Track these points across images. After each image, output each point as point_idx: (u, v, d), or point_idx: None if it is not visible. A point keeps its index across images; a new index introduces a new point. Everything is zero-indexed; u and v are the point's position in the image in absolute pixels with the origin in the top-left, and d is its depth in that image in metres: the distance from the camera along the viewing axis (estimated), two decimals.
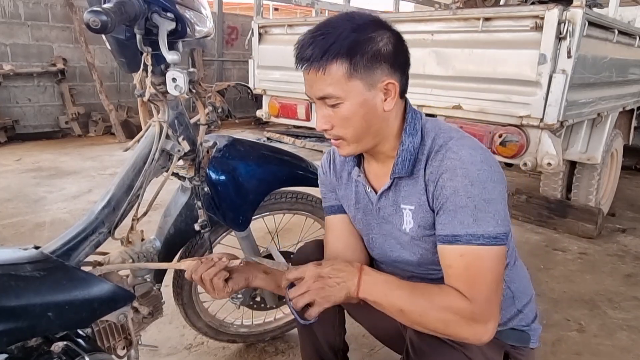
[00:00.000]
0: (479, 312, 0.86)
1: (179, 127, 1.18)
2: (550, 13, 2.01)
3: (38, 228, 2.91)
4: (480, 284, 0.86)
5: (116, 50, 1.03)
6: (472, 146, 0.91)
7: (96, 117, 5.97)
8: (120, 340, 1.20)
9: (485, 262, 0.86)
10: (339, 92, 0.87)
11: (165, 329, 1.90)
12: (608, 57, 2.52)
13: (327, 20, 0.90)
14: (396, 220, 1.01)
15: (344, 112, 0.89)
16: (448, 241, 0.88)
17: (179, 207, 1.35)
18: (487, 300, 0.86)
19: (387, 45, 0.88)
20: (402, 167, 0.95)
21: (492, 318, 0.87)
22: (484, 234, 0.85)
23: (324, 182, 1.19)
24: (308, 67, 0.88)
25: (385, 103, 0.91)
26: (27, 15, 5.37)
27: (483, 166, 0.87)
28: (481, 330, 0.86)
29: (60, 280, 1.00)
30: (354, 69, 0.86)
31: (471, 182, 0.86)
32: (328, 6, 4.77)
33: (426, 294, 0.89)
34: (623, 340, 1.94)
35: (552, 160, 2.15)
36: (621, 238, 3.08)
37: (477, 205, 0.85)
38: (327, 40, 0.85)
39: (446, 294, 0.88)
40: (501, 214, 0.87)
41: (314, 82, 0.89)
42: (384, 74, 0.89)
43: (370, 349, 1.80)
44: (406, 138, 0.95)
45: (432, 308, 0.87)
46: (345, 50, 0.85)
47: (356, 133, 0.92)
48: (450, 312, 0.86)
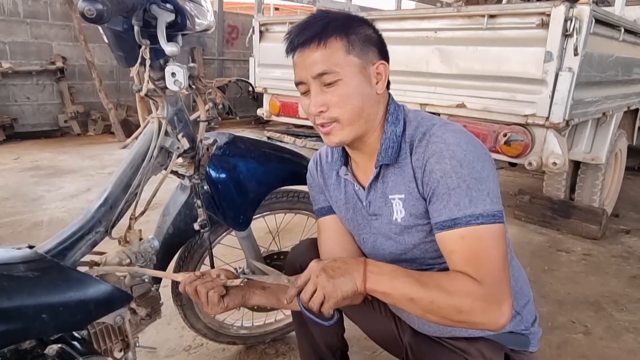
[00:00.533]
0: (491, 292, 0.83)
1: (179, 123, 1.15)
2: (556, 10, 1.98)
3: (36, 227, 2.88)
4: (487, 264, 0.84)
5: (113, 43, 1.00)
6: (455, 129, 0.92)
7: (95, 115, 5.94)
8: (117, 342, 1.17)
9: (488, 241, 0.85)
10: (338, 68, 0.89)
11: (163, 330, 1.86)
12: (614, 56, 2.48)
13: (321, 11, 0.98)
14: (386, 211, 1.00)
15: (342, 89, 0.90)
16: (447, 226, 0.87)
17: (178, 206, 1.32)
18: (498, 279, 0.84)
19: (374, 34, 0.95)
20: (386, 155, 0.95)
21: (506, 298, 0.83)
22: (482, 212, 0.85)
23: (312, 185, 1.20)
24: (306, 45, 0.90)
25: (378, 86, 0.94)
26: (26, 13, 5.34)
27: (469, 147, 0.88)
28: (497, 313, 0.82)
29: (55, 281, 0.97)
30: (351, 45, 0.90)
31: (459, 162, 0.86)
32: (329, 4, 4.74)
33: (435, 279, 0.86)
34: (629, 343, 1.91)
35: (558, 159, 2.12)
36: (625, 239, 3.06)
37: (470, 185, 0.85)
38: (322, 21, 0.91)
39: (455, 278, 0.85)
40: (494, 191, 0.87)
41: (311, 59, 0.90)
42: (375, 56, 0.94)
43: (372, 351, 1.77)
44: (388, 127, 0.96)
45: (442, 293, 0.83)
46: (341, 29, 0.90)
47: (352, 113, 0.92)
48: (462, 295, 0.82)
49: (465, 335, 1.01)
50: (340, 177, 1.09)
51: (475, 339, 1.01)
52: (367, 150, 1.00)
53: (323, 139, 0.99)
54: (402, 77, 2.45)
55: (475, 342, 1.00)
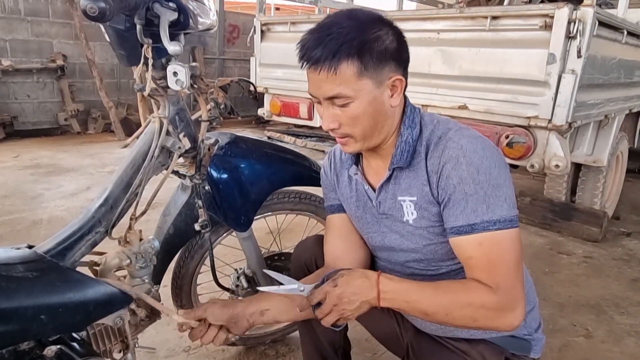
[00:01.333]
0: (505, 300, 0.85)
1: (180, 123, 1.14)
2: (560, 12, 1.97)
3: (35, 226, 2.87)
4: (503, 270, 0.86)
5: (115, 42, 0.99)
6: (472, 135, 0.91)
7: (96, 114, 5.93)
8: (117, 343, 1.16)
9: (505, 247, 0.86)
10: (349, 92, 0.87)
11: (163, 330, 1.86)
12: (617, 58, 2.48)
13: (330, 19, 0.89)
14: (396, 212, 1.00)
15: (353, 111, 0.89)
16: (464, 232, 0.88)
17: (178, 206, 1.32)
18: (512, 285, 0.86)
19: (392, 43, 0.89)
20: (400, 158, 0.96)
21: (519, 303, 0.86)
22: (499, 218, 0.86)
23: (324, 182, 1.21)
24: (317, 67, 0.87)
25: (392, 99, 0.93)
26: (27, 10, 5.33)
27: (485, 153, 0.88)
28: (510, 318, 0.86)
29: (54, 282, 0.96)
30: (364, 68, 0.86)
31: (477, 169, 0.86)
32: (331, 4, 4.74)
33: (449, 292, 0.88)
34: (631, 347, 1.90)
35: (560, 162, 2.11)
36: (626, 242, 3.05)
37: (487, 191, 0.86)
38: (336, 41, 0.85)
39: (470, 290, 0.87)
40: (511, 197, 0.88)
41: (322, 82, 0.88)
42: (391, 71, 0.90)
43: (373, 353, 1.77)
44: (404, 130, 0.96)
45: (457, 306, 0.86)
46: (355, 50, 0.85)
47: (364, 131, 0.93)
48: (477, 307, 0.85)
49: (467, 336, 1.02)
50: (351, 176, 1.09)
51: (477, 341, 1.01)
52: (382, 153, 1.01)
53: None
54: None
55: (477, 344, 1.00)
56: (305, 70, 0.90)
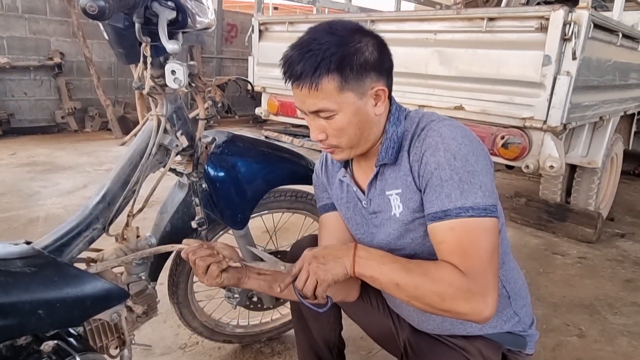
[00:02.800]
0: (475, 284, 0.84)
1: (178, 121, 1.15)
2: (555, 14, 1.99)
3: (31, 223, 2.87)
4: (474, 256, 0.85)
5: (114, 40, 1.00)
6: (453, 124, 0.93)
7: (93, 112, 5.91)
8: (113, 339, 1.17)
9: (477, 234, 0.86)
10: (332, 105, 0.89)
11: (159, 327, 1.86)
12: (612, 60, 2.50)
13: (310, 34, 0.91)
14: (386, 208, 1.01)
15: (338, 123, 0.92)
16: (438, 217, 0.88)
17: (175, 204, 1.32)
18: (483, 271, 0.85)
19: (372, 54, 0.91)
20: (386, 154, 0.97)
21: (490, 291, 0.84)
22: (473, 205, 0.86)
23: (316, 184, 1.22)
24: (299, 83, 0.89)
25: (376, 108, 0.94)
26: (25, 8, 5.31)
27: (464, 141, 0.89)
28: (480, 305, 0.83)
29: (51, 277, 0.97)
30: (345, 82, 0.88)
31: (453, 155, 0.87)
32: (329, 4, 4.74)
33: (421, 267, 0.89)
34: (624, 347, 1.92)
35: (555, 163, 2.13)
36: (620, 243, 3.07)
37: (462, 177, 0.86)
38: (315, 57, 0.86)
39: (441, 267, 0.87)
40: (488, 186, 0.88)
41: (306, 97, 0.90)
42: (372, 82, 0.91)
43: (367, 351, 1.78)
44: (390, 127, 0.97)
45: (427, 280, 0.86)
46: (335, 66, 0.86)
47: (351, 141, 0.95)
48: (446, 284, 0.84)
49: (464, 333, 1.03)
50: (342, 179, 1.11)
51: (474, 337, 1.02)
52: (370, 155, 1.02)
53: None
54: (401, 79, 2.44)
55: (474, 340, 1.01)
56: (290, 85, 0.92)
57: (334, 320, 1.32)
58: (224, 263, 1.02)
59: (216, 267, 1.00)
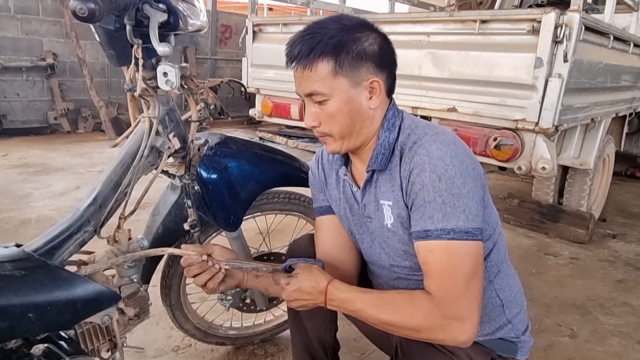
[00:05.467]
0: (450, 311, 0.85)
1: (170, 123, 1.15)
2: (547, 17, 2.00)
3: (23, 225, 2.85)
4: (452, 282, 0.86)
5: (105, 42, 1.00)
6: (444, 142, 0.90)
7: (86, 113, 5.88)
8: (105, 342, 1.16)
9: (457, 258, 0.86)
10: (325, 89, 0.91)
11: (151, 330, 1.85)
12: (603, 63, 2.52)
13: (317, 21, 0.94)
14: (379, 216, 1.01)
15: (330, 108, 0.93)
16: (420, 237, 0.89)
17: (168, 206, 1.32)
18: (459, 298, 0.85)
19: (372, 45, 0.92)
20: (376, 161, 0.97)
21: (469, 316, 0.85)
22: (454, 228, 0.85)
23: (313, 183, 1.22)
24: (296, 64, 0.92)
25: (371, 101, 0.94)
26: (17, 8, 5.28)
27: (453, 161, 0.87)
28: (457, 331, 0.85)
29: (42, 280, 0.96)
30: (339, 66, 0.89)
31: (438, 177, 0.86)
32: (323, 6, 4.75)
33: (392, 304, 0.91)
34: (614, 347, 1.93)
35: (547, 164, 2.14)
36: (612, 244, 3.10)
37: (445, 200, 0.86)
38: (314, 39, 0.89)
39: (415, 300, 0.89)
40: (472, 209, 0.87)
41: (301, 79, 0.93)
42: (369, 73, 0.92)
43: (361, 352, 1.78)
44: (382, 133, 0.97)
45: (400, 316, 0.89)
46: (330, 48, 0.88)
47: (341, 129, 0.95)
48: (420, 317, 0.87)
49: None
50: (340, 177, 1.10)
51: None
52: (363, 157, 1.02)
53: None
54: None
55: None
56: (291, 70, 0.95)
57: (329, 320, 1.31)
58: (219, 275, 1.05)
59: (212, 284, 1.05)
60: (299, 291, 0.99)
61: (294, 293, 0.99)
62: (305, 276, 1.00)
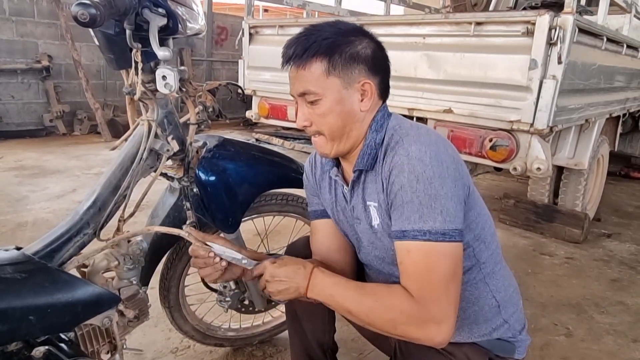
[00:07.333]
0: (426, 312, 0.85)
1: (168, 126, 1.15)
2: (541, 19, 2.02)
3: (20, 228, 2.84)
4: (428, 283, 0.86)
5: (104, 46, 1.00)
6: (425, 142, 0.90)
7: (82, 115, 5.87)
8: (105, 344, 1.16)
9: (433, 259, 0.86)
10: (318, 89, 0.92)
11: (150, 332, 1.86)
12: (597, 64, 2.54)
13: (314, 24, 0.97)
14: (366, 217, 1.02)
15: (322, 108, 0.94)
16: (397, 237, 0.90)
17: (167, 208, 1.33)
18: (436, 299, 0.85)
19: (365, 49, 0.94)
20: (362, 161, 0.98)
21: (444, 318, 0.85)
22: (431, 229, 0.85)
23: (307, 186, 1.23)
24: (290, 63, 0.94)
25: (362, 103, 0.96)
26: (12, 10, 5.26)
27: (432, 162, 0.87)
28: (433, 331, 0.85)
29: (42, 283, 0.97)
30: (332, 66, 0.91)
31: (416, 177, 0.86)
32: (319, 7, 4.76)
33: (373, 294, 0.92)
34: (610, 345, 1.95)
35: (542, 165, 2.16)
36: (607, 243, 3.12)
37: (422, 201, 0.86)
38: (308, 40, 0.92)
39: (394, 294, 0.89)
40: (450, 210, 0.86)
41: (294, 79, 0.95)
42: (361, 75, 0.94)
43: (359, 352, 1.79)
44: (370, 134, 0.98)
45: (378, 308, 0.89)
46: (324, 49, 0.91)
47: (332, 130, 0.96)
48: (397, 311, 0.87)
49: (452, 340, 1.03)
50: (332, 179, 1.11)
51: (462, 343, 1.03)
52: (351, 159, 1.03)
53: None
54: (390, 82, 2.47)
55: (462, 345, 1.02)
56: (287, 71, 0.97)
57: (328, 321, 1.32)
58: (218, 266, 1.05)
59: (214, 272, 1.06)
60: (284, 268, 0.98)
61: (278, 270, 0.98)
62: (293, 260, 1.02)
